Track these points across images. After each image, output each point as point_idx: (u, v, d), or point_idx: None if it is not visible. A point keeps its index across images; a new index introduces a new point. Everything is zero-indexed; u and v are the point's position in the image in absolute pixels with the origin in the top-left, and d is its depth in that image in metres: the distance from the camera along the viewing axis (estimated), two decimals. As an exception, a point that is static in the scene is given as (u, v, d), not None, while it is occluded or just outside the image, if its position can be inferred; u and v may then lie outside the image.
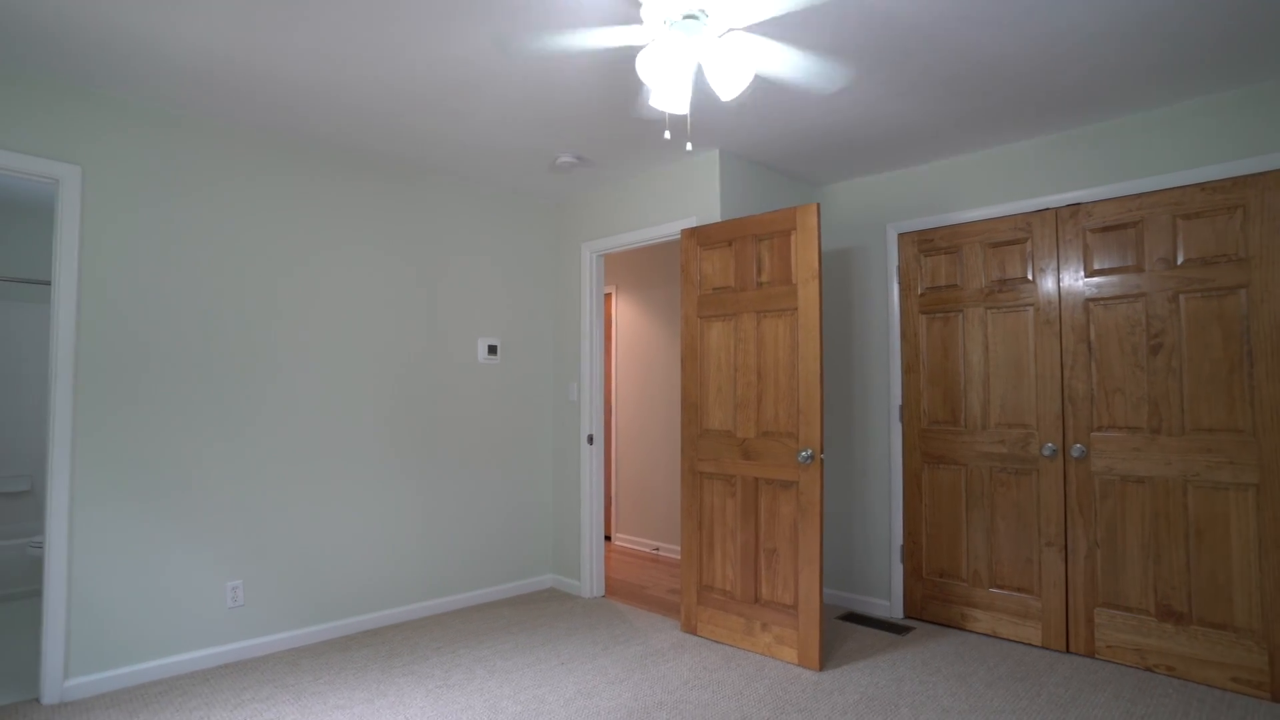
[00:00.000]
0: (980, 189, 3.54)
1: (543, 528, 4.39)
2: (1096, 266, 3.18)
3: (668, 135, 2.18)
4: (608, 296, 5.85)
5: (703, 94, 2.90)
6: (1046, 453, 3.26)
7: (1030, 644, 3.32)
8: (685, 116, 3.04)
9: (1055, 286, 3.29)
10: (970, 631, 3.51)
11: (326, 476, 3.49)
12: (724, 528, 3.38)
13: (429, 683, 2.92)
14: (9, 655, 3.19)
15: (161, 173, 3.05)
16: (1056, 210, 3.29)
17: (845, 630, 3.57)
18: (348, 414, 3.57)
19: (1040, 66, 2.62)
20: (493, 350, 4.17)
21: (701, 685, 2.88)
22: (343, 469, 3.55)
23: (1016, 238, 3.41)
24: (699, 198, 3.66)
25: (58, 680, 2.72)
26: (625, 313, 5.70)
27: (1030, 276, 3.37)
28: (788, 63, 2.48)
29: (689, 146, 2.28)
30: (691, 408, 3.54)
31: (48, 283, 4.13)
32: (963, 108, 3.01)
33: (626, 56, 2.56)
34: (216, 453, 3.15)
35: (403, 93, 2.88)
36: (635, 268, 5.66)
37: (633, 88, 2.84)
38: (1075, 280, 3.23)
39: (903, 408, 3.78)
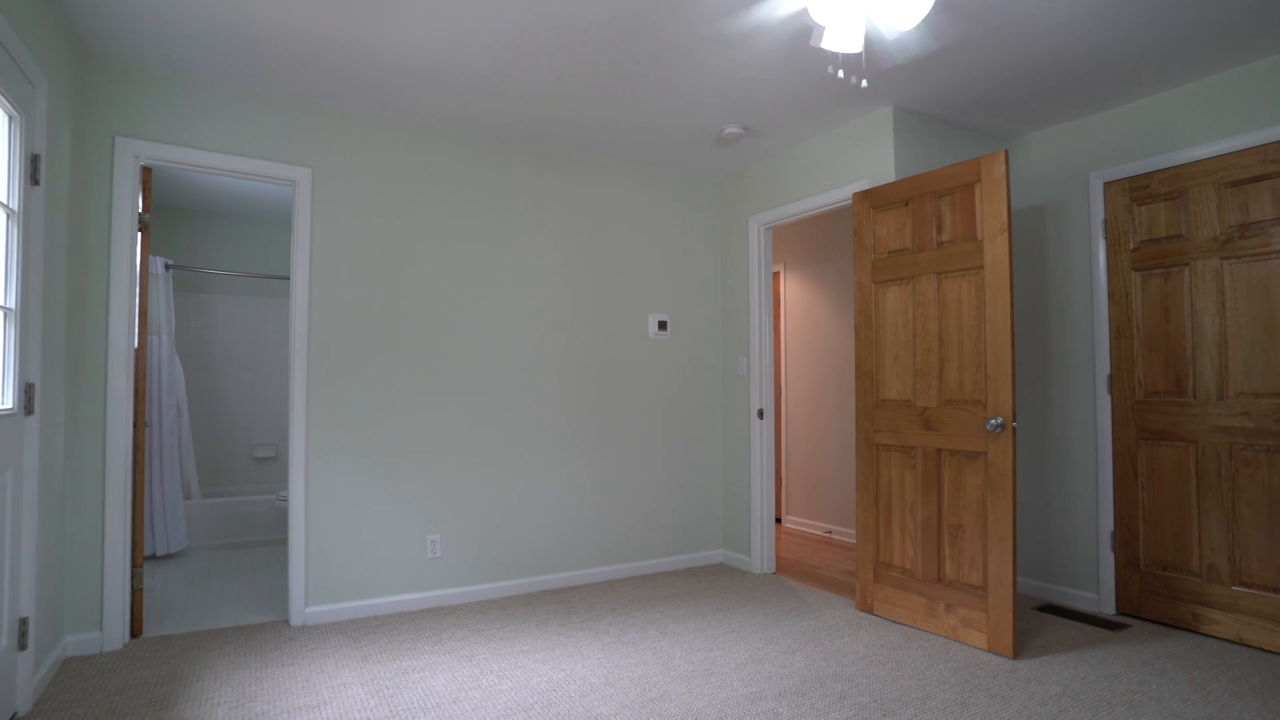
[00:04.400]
0: (1211, 120, 3.04)
1: (713, 502, 4.42)
2: (1378, 200, 2.61)
3: (841, 74, 2.09)
4: (775, 275, 5.76)
5: (875, 51, 2.76)
6: (1308, 426, 2.73)
7: (1288, 653, 2.81)
8: (859, 55, 2.89)
9: (1318, 228, 2.75)
10: (1206, 635, 3.03)
11: (512, 446, 3.76)
12: (903, 502, 3.20)
13: (604, 638, 3.05)
14: (269, 586, 3.82)
15: (373, 170, 3.45)
16: (1320, 136, 2.75)
17: (1043, 621, 3.24)
18: (530, 388, 3.83)
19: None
20: (663, 326, 4.26)
21: (879, 662, 2.75)
22: (527, 440, 3.81)
23: (1266, 172, 2.89)
24: (871, 160, 3.49)
25: (300, 607, 3.19)
26: (793, 291, 5.58)
27: (1283, 218, 2.84)
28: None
29: (864, 84, 2.17)
30: (866, 377, 3.38)
31: (287, 278, 4.84)
32: (1220, 10, 2.51)
33: (799, 13, 2.50)
34: (420, 423, 3.52)
35: (590, 66, 3.03)
36: (802, 245, 5.52)
37: (804, 45, 2.77)
38: (1347, 218, 2.68)
39: (1112, 377, 3.35)
